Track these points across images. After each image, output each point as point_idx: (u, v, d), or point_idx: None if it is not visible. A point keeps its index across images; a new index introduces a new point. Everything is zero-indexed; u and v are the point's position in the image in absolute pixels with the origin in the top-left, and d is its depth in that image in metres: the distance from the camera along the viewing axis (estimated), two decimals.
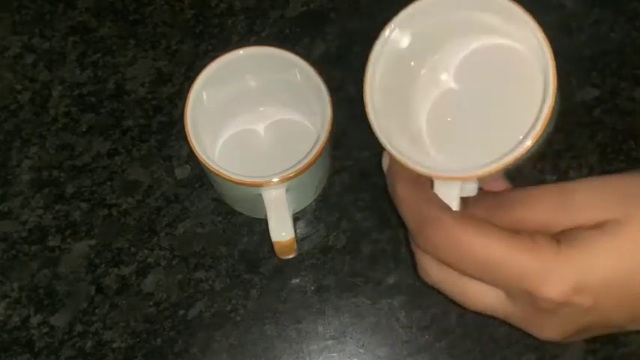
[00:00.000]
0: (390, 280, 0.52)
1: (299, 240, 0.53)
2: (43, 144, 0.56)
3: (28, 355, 0.51)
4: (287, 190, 0.46)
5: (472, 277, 0.35)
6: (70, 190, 0.54)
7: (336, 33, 0.58)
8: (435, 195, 0.37)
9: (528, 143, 0.35)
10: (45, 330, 0.52)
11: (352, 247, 0.53)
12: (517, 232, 0.34)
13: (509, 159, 0.35)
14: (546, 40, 0.36)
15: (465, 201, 0.37)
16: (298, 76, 0.47)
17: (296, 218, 0.53)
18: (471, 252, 0.34)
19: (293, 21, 0.59)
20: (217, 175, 0.45)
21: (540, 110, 0.35)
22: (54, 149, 0.55)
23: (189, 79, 0.57)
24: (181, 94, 0.57)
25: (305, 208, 0.54)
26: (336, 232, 0.54)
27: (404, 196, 0.37)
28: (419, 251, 0.37)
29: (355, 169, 0.55)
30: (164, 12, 0.59)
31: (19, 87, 0.57)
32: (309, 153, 0.45)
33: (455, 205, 0.37)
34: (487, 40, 0.40)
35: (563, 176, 0.54)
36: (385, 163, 0.40)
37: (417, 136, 0.40)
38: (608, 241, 0.33)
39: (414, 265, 0.39)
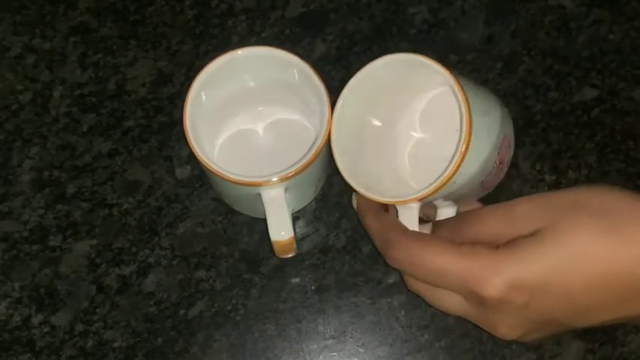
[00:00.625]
0: (390, 280, 0.53)
1: (299, 240, 0.54)
2: (44, 144, 0.56)
3: (29, 355, 0.51)
4: (286, 190, 0.46)
5: (432, 284, 0.41)
6: (70, 190, 0.55)
7: (336, 33, 0.59)
8: (396, 222, 0.44)
9: (450, 170, 0.41)
10: (46, 329, 0.52)
11: (352, 247, 0.53)
12: (462, 244, 0.40)
13: (438, 183, 0.42)
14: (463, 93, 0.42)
15: (435, 224, 0.45)
16: (297, 75, 0.47)
17: (295, 218, 0.54)
18: (424, 264, 0.40)
19: (293, 21, 0.59)
20: (216, 175, 0.45)
21: (456, 149, 0.42)
22: (55, 149, 0.56)
23: (190, 80, 0.57)
24: (182, 95, 0.57)
25: (305, 207, 0.54)
26: (336, 232, 0.54)
27: (371, 225, 0.45)
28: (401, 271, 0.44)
29: None
30: (164, 12, 0.59)
31: (20, 87, 0.57)
32: (307, 152, 0.45)
33: (415, 225, 0.44)
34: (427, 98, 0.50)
35: (562, 176, 0.55)
36: (355, 203, 0.49)
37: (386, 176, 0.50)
38: (539, 245, 0.37)
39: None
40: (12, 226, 0.54)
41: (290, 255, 0.48)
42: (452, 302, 0.41)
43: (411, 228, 0.44)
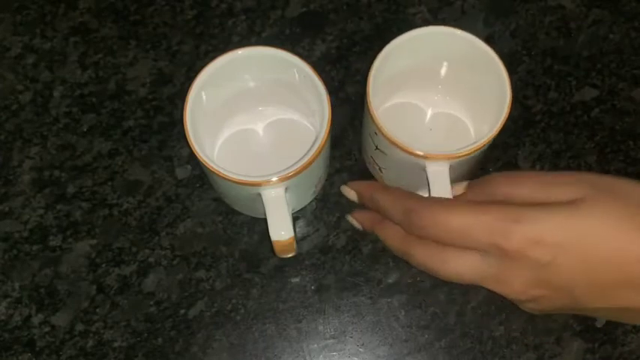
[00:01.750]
0: (390, 280, 0.53)
1: (299, 240, 0.54)
2: (44, 144, 0.56)
3: (29, 355, 0.51)
4: (286, 190, 0.46)
5: (453, 244, 0.42)
6: (71, 190, 0.55)
7: (336, 33, 0.59)
8: (409, 192, 0.46)
9: (491, 134, 0.46)
10: (46, 329, 0.52)
11: (352, 247, 0.53)
12: (485, 202, 0.42)
13: (481, 142, 0.45)
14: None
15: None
16: (297, 75, 0.48)
17: (296, 218, 0.54)
18: (449, 225, 0.41)
19: (293, 21, 0.59)
20: (217, 174, 0.45)
21: (500, 111, 0.46)
22: (55, 149, 0.56)
23: (190, 80, 0.57)
24: (182, 95, 0.57)
25: (305, 207, 0.54)
26: (336, 232, 0.54)
27: (384, 198, 0.46)
28: (402, 246, 0.45)
29: (355, 169, 0.55)
30: (165, 12, 0.59)
31: (20, 87, 0.57)
32: (307, 152, 0.45)
33: (446, 179, 0.45)
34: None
35: None
36: (352, 194, 0.50)
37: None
38: (575, 210, 0.39)
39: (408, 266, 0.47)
40: (12, 226, 0.54)
41: (290, 255, 0.48)
42: (464, 262, 0.42)
43: (442, 186, 0.45)
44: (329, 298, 0.52)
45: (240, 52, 0.47)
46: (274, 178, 0.44)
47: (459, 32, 0.47)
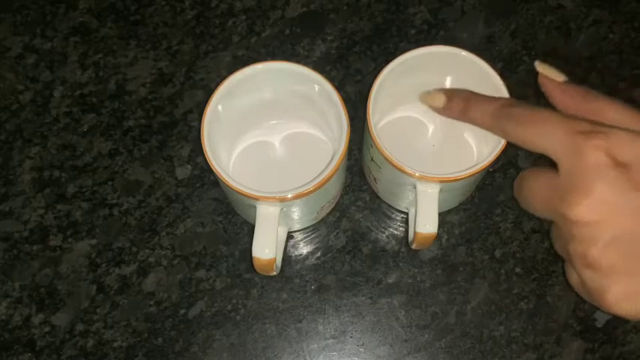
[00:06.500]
0: (390, 280, 0.53)
1: (299, 240, 0.54)
2: (44, 144, 0.56)
3: (30, 355, 0.51)
4: (282, 210, 0.45)
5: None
6: (71, 189, 0.55)
7: (336, 33, 0.59)
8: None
9: (487, 162, 0.45)
10: (46, 329, 0.52)
11: (352, 247, 0.53)
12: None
13: (475, 169, 0.45)
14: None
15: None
16: (316, 88, 0.47)
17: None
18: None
19: (293, 21, 0.59)
20: (217, 176, 0.45)
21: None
22: (55, 149, 0.56)
23: (190, 80, 0.57)
24: (182, 95, 0.57)
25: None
26: (336, 232, 0.54)
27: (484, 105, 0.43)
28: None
29: (355, 169, 0.55)
30: (165, 12, 0.59)
31: (20, 87, 0.57)
32: (309, 182, 0.44)
33: (434, 201, 0.45)
34: None
35: None
36: (440, 100, 0.46)
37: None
38: None
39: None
40: (12, 226, 0.54)
41: (270, 274, 0.46)
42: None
43: (430, 207, 0.45)
44: (329, 298, 0.52)
45: (259, 67, 0.46)
46: (271, 197, 0.43)
47: (463, 53, 0.47)
